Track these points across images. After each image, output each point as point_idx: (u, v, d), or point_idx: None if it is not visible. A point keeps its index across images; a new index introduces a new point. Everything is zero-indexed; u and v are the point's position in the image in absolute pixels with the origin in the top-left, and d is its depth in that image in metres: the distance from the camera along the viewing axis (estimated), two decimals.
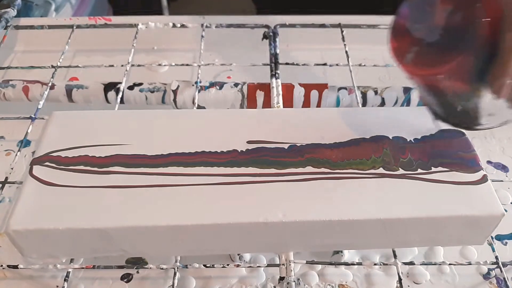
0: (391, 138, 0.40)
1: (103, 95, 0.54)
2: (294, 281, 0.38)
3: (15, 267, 0.39)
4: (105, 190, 0.36)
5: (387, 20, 0.64)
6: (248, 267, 0.42)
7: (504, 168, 0.52)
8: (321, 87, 0.54)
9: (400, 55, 0.36)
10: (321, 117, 0.43)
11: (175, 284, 0.37)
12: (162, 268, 0.40)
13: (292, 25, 0.61)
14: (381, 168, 0.38)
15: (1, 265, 0.39)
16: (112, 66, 0.56)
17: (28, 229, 0.34)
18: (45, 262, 0.39)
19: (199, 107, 0.53)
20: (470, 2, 0.32)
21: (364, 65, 0.56)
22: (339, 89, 0.55)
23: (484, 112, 0.36)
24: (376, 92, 0.55)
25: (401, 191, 0.37)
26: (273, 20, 0.61)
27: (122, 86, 0.53)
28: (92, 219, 0.34)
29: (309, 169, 0.38)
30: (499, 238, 0.45)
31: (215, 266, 0.39)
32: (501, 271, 0.39)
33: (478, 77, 0.33)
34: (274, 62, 0.55)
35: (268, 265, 0.41)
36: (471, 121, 0.38)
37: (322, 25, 0.62)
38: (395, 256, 0.39)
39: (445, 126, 0.39)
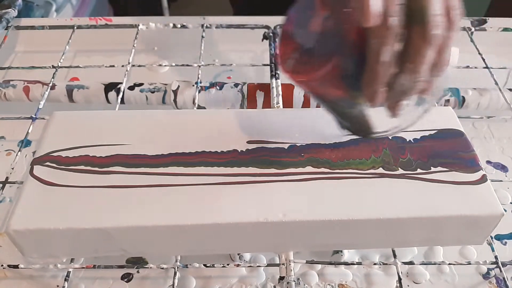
0: (390, 138, 0.40)
1: (103, 95, 0.55)
2: (294, 281, 0.38)
3: (16, 266, 0.39)
4: (105, 190, 0.36)
5: None
6: (248, 266, 0.43)
7: (503, 168, 0.52)
8: None
9: (283, 60, 0.35)
10: (321, 117, 0.43)
11: (175, 284, 0.38)
12: (162, 268, 0.40)
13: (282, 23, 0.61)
14: (380, 168, 0.38)
15: (2, 265, 0.39)
16: (113, 66, 0.56)
17: (29, 229, 0.34)
18: (45, 261, 0.39)
19: (199, 107, 0.53)
20: (341, 8, 0.32)
21: None
22: None
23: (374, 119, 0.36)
24: None
25: (401, 191, 0.37)
26: (273, 20, 0.61)
27: (122, 87, 0.53)
28: (92, 219, 0.35)
29: (309, 169, 0.38)
30: (499, 237, 0.45)
31: (215, 265, 0.39)
32: (501, 270, 0.39)
33: (353, 84, 0.33)
34: (274, 62, 0.55)
35: (268, 265, 0.41)
36: (364, 128, 0.38)
37: None
38: (394, 256, 0.40)
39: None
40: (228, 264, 0.40)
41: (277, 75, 0.53)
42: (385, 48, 0.30)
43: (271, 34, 0.59)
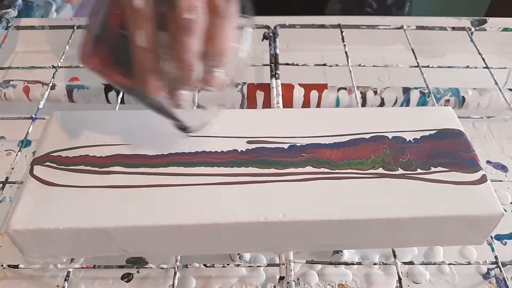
0: (390, 138, 0.40)
1: (103, 96, 0.55)
2: (294, 281, 0.38)
3: (16, 266, 0.39)
4: (105, 190, 0.36)
5: (387, 20, 0.64)
6: (248, 266, 0.43)
7: (503, 168, 0.52)
8: (321, 87, 0.54)
9: (81, 49, 0.34)
10: (320, 117, 0.43)
11: (175, 284, 0.38)
12: (162, 268, 0.40)
13: (292, 26, 0.61)
14: (380, 168, 0.38)
15: (2, 265, 0.39)
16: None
17: (29, 229, 0.34)
18: (45, 261, 0.39)
19: (199, 107, 0.53)
20: None
21: (364, 66, 0.57)
22: (339, 89, 0.55)
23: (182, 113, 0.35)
24: (375, 92, 0.55)
25: (401, 191, 0.37)
26: (273, 20, 0.61)
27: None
28: (92, 219, 0.35)
29: (309, 169, 0.38)
30: (499, 237, 0.45)
31: (215, 265, 0.39)
32: (501, 270, 0.39)
33: (128, 72, 0.32)
34: (274, 62, 0.55)
35: (268, 265, 0.41)
36: (173, 119, 0.37)
37: (322, 26, 0.62)
38: (394, 255, 0.40)
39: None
40: (228, 264, 0.40)
41: (277, 75, 0.54)
42: (138, 32, 0.30)
43: (271, 34, 0.59)
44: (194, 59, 0.31)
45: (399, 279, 0.38)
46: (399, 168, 0.38)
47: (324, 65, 0.57)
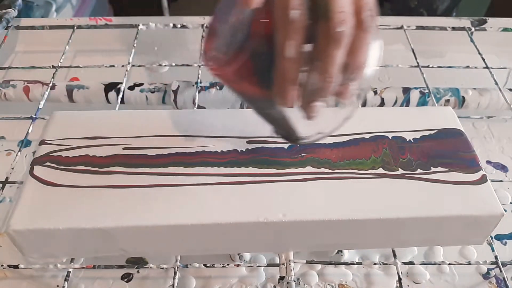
0: (390, 138, 0.40)
1: (103, 95, 0.55)
2: (294, 281, 0.38)
3: (16, 266, 0.39)
4: (105, 190, 0.36)
5: (387, 20, 0.64)
6: (248, 266, 0.43)
7: (503, 168, 0.52)
8: None
9: (206, 55, 0.34)
10: (321, 117, 0.43)
11: (175, 284, 0.38)
12: (162, 268, 0.40)
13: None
14: (380, 168, 0.38)
15: (2, 265, 0.39)
16: (113, 66, 0.56)
17: (29, 229, 0.34)
18: (45, 261, 0.39)
19: (199, 107, 0.53)
20: None
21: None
22: None
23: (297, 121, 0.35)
24: (375, 92, 0.55)
25: (401, 191, 0.37)
26: None
27: (122, 87, 0.53)
28: (92, 219, 0.35)
29: (309, 169, 0.38)
30: (499, 238, 0.45)
31: (215, 265, 0.39)
32: (501, 270, 0.39)
33: (266, 81, 0.32)
34: None
35: (268, 265, 0.41)
36: (287, 132, 0.36)
37: None
38: (394, 256, 0.40)
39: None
40: (228, 264, 0.40)
41: None
42: (289, 43, 0.29)
43: None
44: (337, 72, 0.31)
45: (399, 279, 0.38)
46: (399, 168, 0.38)
47: None
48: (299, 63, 0.30)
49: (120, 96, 0.53)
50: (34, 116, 0.49)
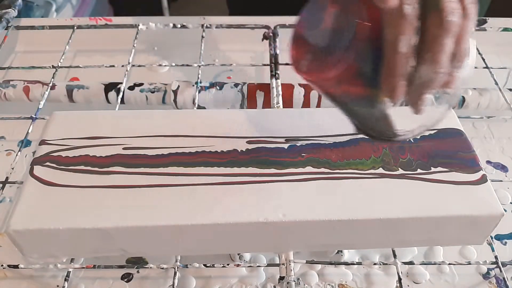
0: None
1: (103, 95, 0.55)
2: (294, 281, 0.38)
3: (16, 266, 0.39)
4: (105, 190, 0.36)
5: None
6: (248, 266, 0.43)
7: (503, 168, 0.52)
8: None
9: (297, 62, 0.34)
10: (321, 117, 0.43)
11: (175, 284, 0.38)
12: (162, 268, 0.40)
13: (292, 26, 0.61)
14: (380, 168, 0.38)
15: (2, 265, 0.39)
16: (113, 66, 0.56)
17: (29, 229, 0.34)
18: (45, 261, 0.39)
19: (199, 107, 0.53)
20: (352, 4, 0.31)
21: None
22: None
23: (395, 118, 0.35)
24: None
25: (401, 191, 0.37)
26: (273, 20, 0.61)
27: (122, 87, 0.53)
28: (92, 219, 0.35)
29: (309, 169, 0.38)
30: (499, 237, 0.45)
31: (215, 265, 0.39)
32: (501, 270, 0.39)
33: (371, 81, 0.32)
34: (274, 62, 0.55)
35: (268, 265, 0.41)
36: (386, 130, 0.36)
37: None
38: (394, 255, 0.40)
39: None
40: (228, 264, 0.40)
41: (277, 75, 0.54)
42: (402, 38, 0.30)
43: (271, 34, 0.59)
44: (447, 62, 0.31)
45: (399, 279, 0.38)
46: (399, 168, 0.38)
47: None
48: (409, 57, 0.31)
49: (120, 96, 0.53)
50: (34, 116, 0.49)
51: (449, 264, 0.41)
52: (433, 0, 0.30)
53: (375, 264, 0.41)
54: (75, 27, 0.61)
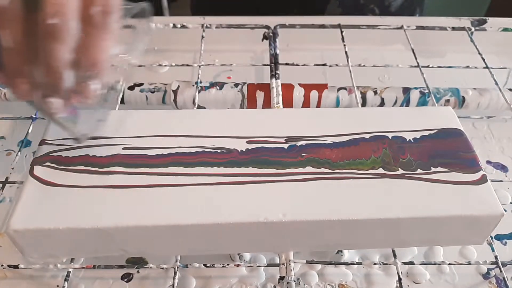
0: (390, 138, 0.40)
1: None
2: (294, 281, 0.38)
3: (16, 266, 0.39)
4: (105, 190, 0.36)
5: (387, 20, 0.64)
6: (248, 266, 0.43)
7: (503, 168, 0.52)
8: (321, 87, 0.54)
9: None
10: (320, 117, 0.43)
11: (175, 284, 0.38)
12: (162, 268, 0.40)
13: (292, 26, 0.61)
14: (380, 168, 0.38)
15: (2, 265, 0.39)
16: (113, 66, 0.56)
17: (29, 229, 0.34)
18: (45, 262, 0.39)
19: (199, 107, 0.53)
20: None
21: (364, 66, 0.57)
22: (339, 89, 0.55)
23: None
24: (375, 92, 0.55)
25: (401, 191, 0.37)
26: (273, 20, 0.61)
27: (122, 87, 0.53)
28: (92, 219, 0.35)
29: (309, 169, 0.38)
30: (499, 238, 0.45)
31: (215, 265, 0.39)
32: (501, 270, 0.39)
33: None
34: (274, 62, 0.55)
35: (268, 265, 0.41)
36: (66, 130, 0.35)
37: (322, 26, 0.62)
38: (394, 255, 0.40)
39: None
40: (228, 264, 0.40)
41: (277, 75, 0.54)
42: (3, 32, 0.28)
43: (271, 34, 0.59)
44: (63, 67, 0.30)
45: (399, 279, 0.38)
46: (399, 168, 0.38)
47: (324, 65, 0.57)
48: (24, 54, 0.29)
49: (120, 96, 0.53)
50: (34, 116, 0.49)
51: (449, 264, 0.41)
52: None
53: (375, 264, 0.41)
54: None
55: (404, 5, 0.74)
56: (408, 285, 0.42)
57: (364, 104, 0.54)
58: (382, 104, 0.55)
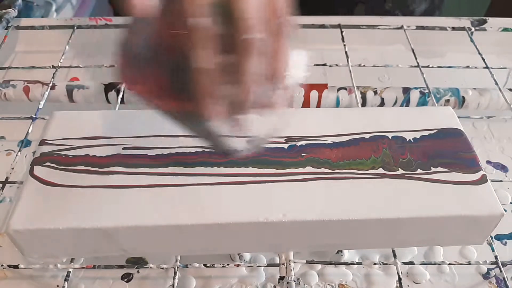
0: (390, 138, 0.40)
1: (103, 95, 0.55)
2: (294, 281, 0.38)
3: (16, 266, 0.39)
4: (105, 190, 0.36)
5: (387, 20, 0.64)
6: (248, 266, 0.43)
7: (503, 168, 0.52)
8: (321, 87, 0.54)
9: (123, 71, 0.32)
10: (320, 117, 0.43)
11: (175, 284, 0.38)
12: (162, 268, 0.40)
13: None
14: (380, 168, 0.38)
15: (2, 265, 0.39)
16: (113, 66, 0.56)
17: (29, 229, 0.34)
18: (45, 261, 0.39)
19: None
20: (166, 14, 0.29)
21: (364, 66, 0.57)
22: (339, 89, 0.55)
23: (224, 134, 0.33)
24: (375, 92, 0.55)
25: (401, 191, 0.37)
26: None
27: (122, 86, 0.53)
28: (92, 219, 0.35)
29: (309, 169, 0.38)
30: (499, 238, 0.45)
31: (215, 265, 0.39)
32: (501, 270, 0.39)
33: (185, 96, 0.30)
34: None
35: (268, 265, 0.41)
36: (218, 145, 0.35)
37: (322, 26, 0.62)
38: (394, 256, 0.40)
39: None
40: (228, 264, 0.40)
41: None
42: (200, 53, 0.27)
43: None
44: (254, 82, 0.29)
45: (399, 279, 0.38)
46: (399, 168, 0.38)
47: (324, 65, 0.57)
48: (216, 74, 0.28)
49: (120, 96, 0.53)
50: (34, 116, 0.49)
51: (449, 264, 0.41)
52: (228, 15, 0.27)
53: (375, 264, 0.41)
54: (75, 27, 0.61)
55: (428, 10, 0.74)
56: (408, 285, 0.42)
57: (364, 104, 0.54)
58: (382, 104, 0.55)
